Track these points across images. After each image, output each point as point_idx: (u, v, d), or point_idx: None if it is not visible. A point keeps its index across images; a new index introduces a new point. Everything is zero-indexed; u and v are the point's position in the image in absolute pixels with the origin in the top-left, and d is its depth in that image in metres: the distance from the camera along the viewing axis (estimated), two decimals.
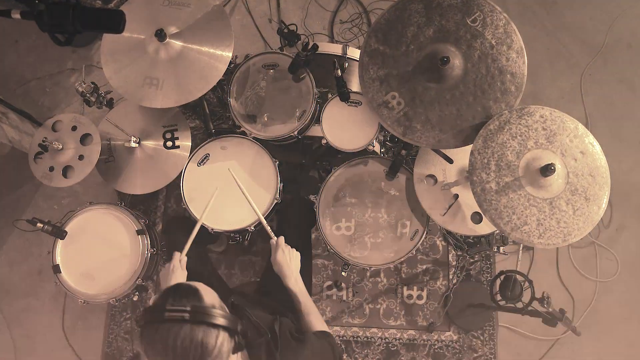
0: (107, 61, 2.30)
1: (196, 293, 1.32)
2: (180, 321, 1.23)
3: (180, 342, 1.22)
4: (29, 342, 3.13)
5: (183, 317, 1.23)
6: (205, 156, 2.50)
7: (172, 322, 1.24)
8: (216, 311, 1.28)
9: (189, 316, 1.24)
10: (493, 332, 3.02)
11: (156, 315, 1.26)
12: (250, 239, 2.54)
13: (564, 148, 1.78)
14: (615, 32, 3.50)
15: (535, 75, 3.38)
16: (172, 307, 1.25)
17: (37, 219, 2.21)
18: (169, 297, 1.29)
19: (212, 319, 1.26)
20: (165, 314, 1.24)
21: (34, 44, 3.57)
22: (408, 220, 2.40)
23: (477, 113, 1.85)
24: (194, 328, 1.24)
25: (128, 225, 2.42)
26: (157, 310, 1.27)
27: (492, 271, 3.10)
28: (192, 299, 1.29)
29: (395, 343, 3.03)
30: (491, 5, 1.85)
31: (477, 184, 1.78)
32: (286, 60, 2.42)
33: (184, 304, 1.26)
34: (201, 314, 1.26)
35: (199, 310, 1.26)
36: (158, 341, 1.24)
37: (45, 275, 3.19)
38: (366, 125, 2.40)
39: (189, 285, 1.35)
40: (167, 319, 1.24)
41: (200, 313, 1.26)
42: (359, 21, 3.51)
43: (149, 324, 1.27)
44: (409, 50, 1.89)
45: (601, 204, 1.76)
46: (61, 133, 2.38)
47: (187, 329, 1.23)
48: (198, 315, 1.25)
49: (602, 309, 3.08)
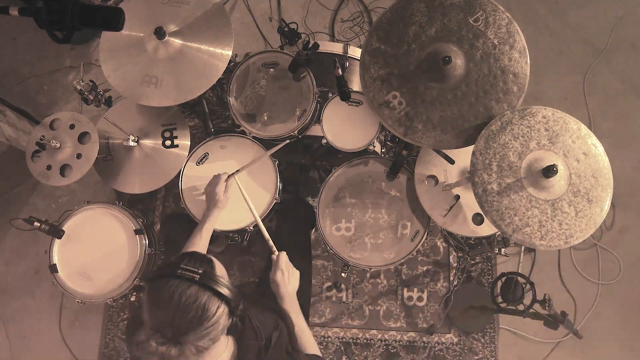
0: (105, 59, 2.30)
1: (210, 262, 1.40)
2: (190, 280, 1.30)
3: (184, 299, 1.27)
4: (25, 342, 3.12)
5: (193, 277, 1.30)
6: (204, 155, 2.48)
7: (182, 279, 1.30)
8: (224, 282, 1.35)
9: (199, 278, 1.30)
10: (494, 335, 3.01)
11: (169, 270, 1.33)
12: (249, 239, 2.52)
13: (566, 149, 1.77)
14: (619, 33, 3.48)
15: (537, 75, 3.37)
16: (186, 267, 1.32)
17: (34, 218, 2.21)
18: (184, 258, 1.36)
19: (219, 287, 1.32)
20: (178, 270, 1.31)
21: (32, 41, 3.56)
22: (409, 221, 2.39)
23: (479, 113, 1.84)
24: (200, 290, 1.30)
25: (126, 225, 2.41)
26: (172, 265, 1.34)
27: (493, 273, 3.09)
28: (205, 265, 1.36)
29: (395, 345, 3.01)
30: (494, 5, 1.84)
31: (479, 185, 1.77)
32: (286, 59, 2.41)
33: (197, 267, 1.33)
34: (210, 279, 1.32)
35: (210, 275, 1.33)
36: (165, 293, 1.29)
37: (42, 275, 3.17)
38: (367, 125, 2.39)
39: (204, 255, 1.43)
40: (178, 275, 1.30)
41: (210, 279, 1.32)
42: (360, 20, 3.51)
43: (159, 277, 1.33)
44: (411, 49, 1.88)
45: (604, 206, 1.75)
46: (59, 131, 2.37)
47: (194, 289, 1.29)
48: (207, 279, 1.31)
49: (604, 312, 3.07)
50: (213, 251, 3.02)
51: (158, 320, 1.29)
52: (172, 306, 1.27)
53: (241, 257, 3.12)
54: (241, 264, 3.11)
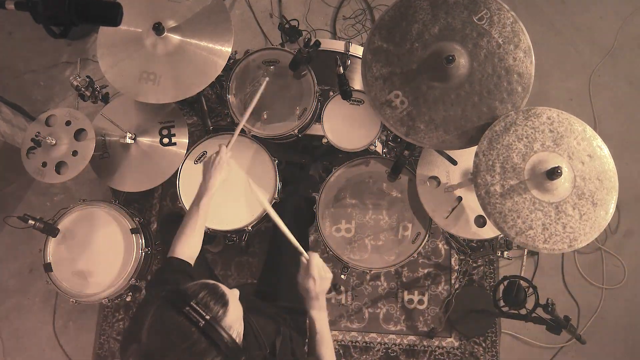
0: (103, 55, 2.29)
1: (225, 305, 1.30)
2: (194, 323, 1.23)
3: (180, 341, 1.22)
4: (18, 342, 3.10)
5: (198, 322, 1.23)
6: (202, 153, 2.48)
7: (188, 319, 1.23)
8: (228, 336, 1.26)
9: (204, 325, 1.23)
10: (495, 339, 2.99)
11: (179, 302, 1.26)
12: (247, 240, 2.50)
13: (571, 151, 1.76)
14: (626, 32, 3.48)
15: (542, 75, 3.36)
16: (195, 306, 1.24)
17: (28, 216, 2.21)
18: (201, 292, 1.28)
19: (220, 340, 1.24)
20: (186, 308, 1.24)
21: (29, 36, 3.54)
22: (410, 222, 2.38)
23: (483, 114, 1.83)
24: (201, 337, 1.23)
25: (122, 224, 2.42)
26: (182, 299, 1.26)
27: (496, 276, 3.08)
28: (217, 308, 1.28)
29: (395, 349, 2.99)
30: (498, 3, 1.82)
31: (482, 186, 1.75)
32: (287, 57, 2.40)
33: (208, 310, 1.25)
34: (215, 331, 1.24)
35: (215, 326, 1.24)
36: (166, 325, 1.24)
37: (36, 274, 3.15)
38: (368, 125, 2.38)
39: (223, 293, 1.33)
40: (186, 313, 1.24)
41: (214, 330, 1.24)
42: (362, 17, 3.50)
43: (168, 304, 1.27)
44: (414, 48, 1.86)
45: (609, 209, 1.74)
46: (55, 128, 2.36)
47: (195, 333, 1.22)
48: (211, 330, 1.24)
49: (608, 317, 3.06)
50: (211, 251, 3.01)
51: (152, 347, 1.25)
52: (169, 342, 1.22)
53: (239, 257, 3.10)
54: (239, 264, 3.09)
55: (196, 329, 1.22)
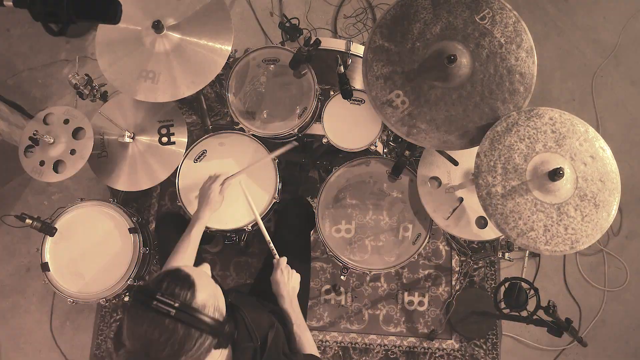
0: (102, 53, 2.28)
1: (192, 287, 1.28)
2: (165, 315, 1.21)
3: (157, 336, 1.20)
4: (15, 342, 3.08)
5: (169, 312, 1.21)
6: (202, 152, 2.46)
7: (158, 313, 1.21)
8: (203, 315, 1.25)
9: (175, 313, 1.21)
10: (496, 342, 2.98)
11: (145, 300, 1.24)
12: (246, 240, 2.49)
13: (573, 152, 1.75)
14: (629, 33, 3.48)
15: (545, 75, 3.36)
16: (162, 298, 1.22)
17: (26, 215, 2.20)
18: (164, 282, 1.26)
19: (196, 322, 1.24)
20: (153, 302, 1.21)
21: (27, 33, 3.54)
22: (410, 223, 2.38)
23: (484, 114, 1.82)
24: (177, 324, 1.21)
25: (120, 223, 2.40)
26: (148, 294, 1.24)
27: (497, 278, 3.07)
28: (184, 293, 1.26)
29: (395, 350, 2.98)
30: (501, 3, 1.82)
31: (483, 187, 1.74)
32: (287, 55, 2.39)
33: (175, 298, 1.23)
34: (187, 314, 1.23)
35: (186, 310, 1.23)
36: (140, 325, 1.22)
37: (34, 274, 3.13)
38: (369, 124, 2.37)
39: (187, 275, 1.31)
40: (154, 308, 1.22)
41: (186, 313, 1.23)
42: (363, 16, 3.49)
43: (136, 304, 1.25)
44: (415, 47, 1.85)
45: (611, 211, 1.73)
46: (53, 126, 2.35)
47: (169, 323, 1.21)
48: (183, 315, 1.22)
49: (610, 319, 3.05)
50: (210, 251, 3.00)
51: (135, 349, 1.24)
52: (147, 341, 1.21)
53: (238, 257, 3.09)
54: (238, 265, 3.08)
55: (169, 319, 1.21)
